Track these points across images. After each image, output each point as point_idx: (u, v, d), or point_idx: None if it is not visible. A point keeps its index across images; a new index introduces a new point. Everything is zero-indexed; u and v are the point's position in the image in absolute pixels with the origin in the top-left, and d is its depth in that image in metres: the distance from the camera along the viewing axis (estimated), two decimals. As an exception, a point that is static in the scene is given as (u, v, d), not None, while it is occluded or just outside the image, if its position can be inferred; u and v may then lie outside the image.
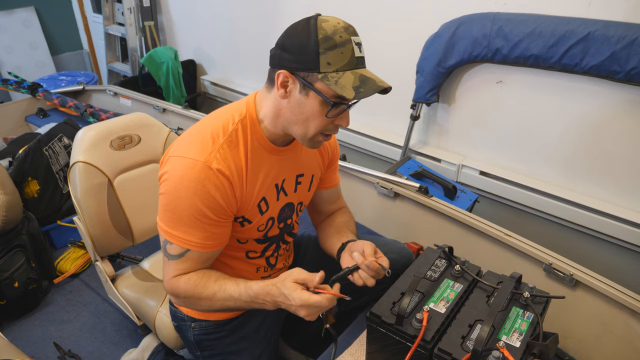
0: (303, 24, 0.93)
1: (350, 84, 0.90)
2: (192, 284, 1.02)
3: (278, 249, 1.23)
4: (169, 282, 1.05)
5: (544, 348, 0.91)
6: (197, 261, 1.03)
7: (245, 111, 1.03)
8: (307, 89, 0.93)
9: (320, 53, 0.90)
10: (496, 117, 2.22)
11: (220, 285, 1.02)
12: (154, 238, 1.59)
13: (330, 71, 0.90)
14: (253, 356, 1.20)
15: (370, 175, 1.89)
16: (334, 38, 0.90)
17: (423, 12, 2.27)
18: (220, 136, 1.00)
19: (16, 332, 1.77)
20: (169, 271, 1.05)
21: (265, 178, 1.07)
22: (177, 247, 1.01)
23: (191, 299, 1.04)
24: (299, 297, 0.91)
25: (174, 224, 0.99)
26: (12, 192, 1.75)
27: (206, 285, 1.02)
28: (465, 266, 1.14)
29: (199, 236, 1.00)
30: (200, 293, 1.02)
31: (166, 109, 2.68)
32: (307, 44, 0.91)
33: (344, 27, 0.92)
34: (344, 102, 0.94)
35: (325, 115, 0.95)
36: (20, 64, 4.41)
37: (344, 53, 0.91)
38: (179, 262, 1.02)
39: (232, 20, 3.33)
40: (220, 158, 0.97)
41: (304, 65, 0.92)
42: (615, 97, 1.84)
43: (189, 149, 0.98)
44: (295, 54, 0.92)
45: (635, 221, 1.88)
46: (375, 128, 2.69)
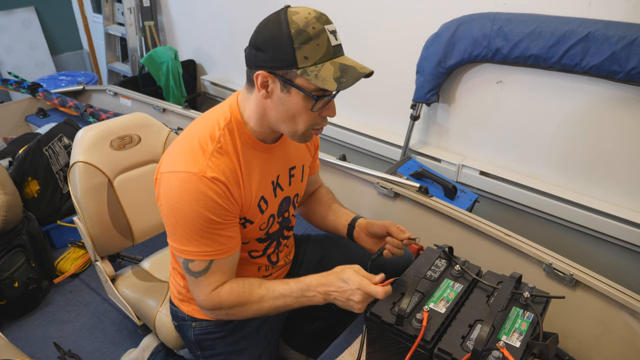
0: (273, 19, 0.91)
1: (330, 76, 0.89)
2: (236, 294, 1.03)
3: (279, 246, 1.23)
4: (207, 299, 1.03)
5: (544, 348, 0.91)
6: (225, 268, 1.03)
7: (229, 115, 1.02)
8: (288, 87, 0.92)
9: (295, 49, 0.88)
10: (496, 117, 2.22)
11: (268, 288, 1.03)
12: (154, 238, 1.59)
13: (309, 65, 0.89)
14: (253, 356, 1.20)
15: (370, 175, 1.89)
16: (307, 30, 0.88)
17: (423, 12, 2.27)
18: (209, 144, 0.98)
19: (16, 332, 1.77)
20: (202, 288, 1.03)
21: (261, 177, 1.07)
22: (200, 262, 1.00)
23: (237, 308, 1.04)
24: (359, 281, 0.95)
25: (188, 241, 0.98)
26: (12, 192, 1.75)
27: (251, 291, 1.03)
28: (465, 266, 1.14)
29: (215, 244, 0.99)
30: (247, 300, 1.03)
31: (166, 109, 2.68)
32: (280, 41, 0.88)
33: (315, 17, 0.90)
34: (326, 94, 0.93)
35: (310, 110, 0.94)
36: (20, 64, 4.41)
37: (319, 45, 0.89)
38: (208, 276, 1.01)
39: (232, 20, 3.33)
40: (213, 166, 0.96)
41: (280, 63, 0.90)
42: (616, 97, 1.84)
43: (179, 163, 0.97)
44: (271, 52, 0.90)
45: (635, 221, 1.88)
46: (375, 128, 2.69)
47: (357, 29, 2.53)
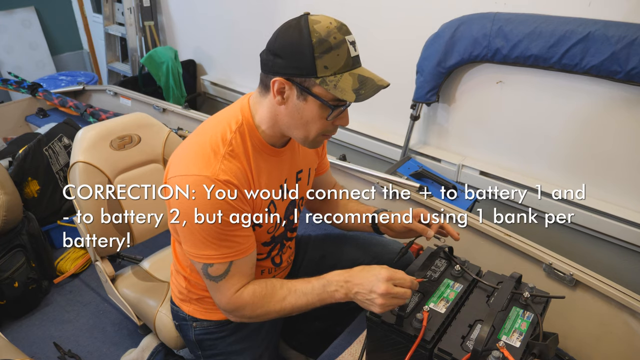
0: (294, 26, 0.91)
1: (349, 87, 0.89)
2: (259, 295, 1.02)
3: (282, 248, 1.23)
4: (230, 301, 1.02)
5: (544, 348, 0.91)
6: (244, 269, 1.02)
7: (241, 118, 1.01)
8: (305, 94, 0.92)
9: (316, 57, 0.88)
10: (496, 117, 2.22)
11: (289, 288, 1.02)
12: (154, 238, 1.59)
13: (328, 75, 0.89)
14: (254, 356, 1.20)
15: (370, 175, 1.89)
16: (329, 40, 0.88)
17: (423, 12, 2.27)
18: (221, 147, 0.97)
19: (16, 332, 1.77)
20: (224, 292, 1.02)
21: (270, 181, 1.07)
22: (220, 265, 0.99)
23: (259, 310, 1.03)
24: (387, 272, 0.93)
25: (205, 245, 0.97)
26: (12, 192, 1.75)
27: (273, 292, 1.02)
28: (465, 266, 1.14)
29: (233, 245, 0.99)
30: (269, 301, 1.02)
31: (166, 109, 2.68)
32: (301, 49, 0.89)
33: (337, 28, 0.90)
34: (342, 104, 0.94)
35: (326, 118, 0.95)
36: (20, 64, 4.41)
37: (340, 55, 0.89)
38: (229, 279, 1.00)
39: (232, 20, 3.33)
40: (225, 169, 0.95)
41: (300, 70, 0.90)
42: (616, 97, 1.84)
43: (190, 166, 0.96)
44: (290, 59, 0.90)
45: (635, 221, 1.88)
46: (375, 128, 2.69)
47: (357, 29, 2.51)
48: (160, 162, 1.58)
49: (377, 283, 0.93)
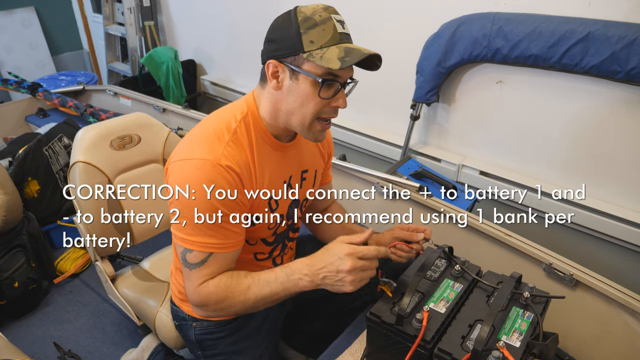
0: (284, 15, 0.95)
1: (335, 57, 0.90)
2: (223, 286, 0.99)
3: (284, 248, 1.23)
4: (195, 292, 1.00)
5: (544, 348, 0.91)
6: (222, 264, 1.01)
7: (246, 109, 1.03)
8: (296, 74, 0.94)
9: (302, 34, 0.91)
10: (496, 117, 2.22)
11: (254, 277, 0.99)
12: (154, 238, 1.59)
13: (314, 49, 0.91)
14: (254, 356, 1.20)
15: (370, 175, 1.88)
16: (314, 17, 0.92)
17: (423, 12, 2.27)
18: (225, 134, 0.98)
19: (16, 332, 1.77)
20: (193, 281, 1.00)
21: (273, 175, 1.06)
22: (199, 253, 0.97)
23: (224, 302, 0.99)
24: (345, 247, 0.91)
25: (191, 230, 0.96)
26: (12, 192, 1.75)
27: (238, 282, 0.99)
28: (465, 266, 1.14)
29: (219, 237, 0.98)
30: (233, 292, 0.98)
31: (166, 109, 2.68)
32: (288, 29, 0.92)
33: (323, 8, 0.93)
34: (334, 79, 0.94)
35: (318, 95, 0.94)
36: (20, 64, 4.41)
37: (325, 30, 0.91)
38: (202, 269, 0.99)
39: (232, 20, 3.33)
40: (228, 155, 0.96)
41: (288, 50, 0.93)
42: (616, 97, 1.84)
43: (194, 151, 0.96)
44: (279, 41, 0.94)
45: (635, 221, 1.88)
46: (375, 128, 2.69)
47: (357, 29, 2.51)
48: (160, 162, 1.58)
49: (341, 261, 0.91)
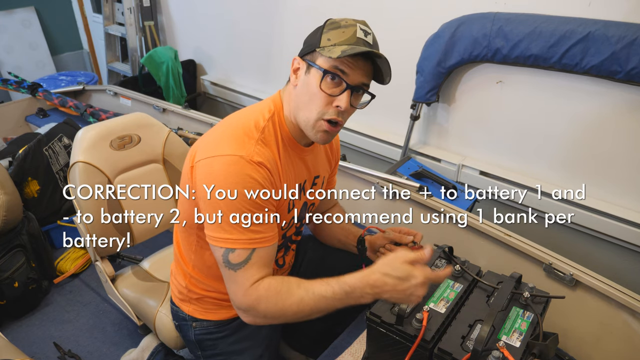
0: None
1: (339, 50, 0.92)
2: (274, 291, 0.94)
3: (287, 250, 1.24)
4: (245, 294, 0.95)
5: (544, 348, 0.91)
6: (265, 259, 0.98)
7: (273, 107, 1.04)
8: (309, 68, 0.97)
9: (323, 33, 0.96)
10: (496, 117, 2.22)
11: (307, 289, 0.95)
12: (154, 238, 1.59)
13: (329, 45, 0.94)
14: (254, 356, 1.20)
15: (370, 175, 1.88)
16: (340, 22, 0.97)
17: (423, 12, 2.27)
18: (254, 132, 0.98)
19: (16, 332, 1.77)
20: (241, 282, 0.95)
21: (293, 177, 1.07)
22: (242, 251, 0.95)
23: (275, 307, 0.95)
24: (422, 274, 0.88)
25: (231, 227, 0.93)
26: (12, 192, 1.75)
27: (289, 291, 0.94)
28: (465, 266, 1.14)
29: (260, 229, 0.95)
30: (284, 301, 0.94)
31: (166, 109, 2.68)
32: (316, 32, 0.99)
33: (354, 19, 0.98)
34: (339, 75, 0.94)
35: (319, 87, 0.95)
36: (20, 64, 4.40)
37: (345, 32, 0.95)
38: (247, 268, 0.95)
39: (232, 20, 3.33)
40: (259, 152, 0.96)
41: (309, 47, 0.98)
42: (615, 97, 1.84)
43: (223, 147, 0.94)
44: (306, 42, 1.00)
45: (635, 221, 1.88)
46: (375, 128, 2.69)
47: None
48: (160, 162, 1.58)
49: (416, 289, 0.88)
